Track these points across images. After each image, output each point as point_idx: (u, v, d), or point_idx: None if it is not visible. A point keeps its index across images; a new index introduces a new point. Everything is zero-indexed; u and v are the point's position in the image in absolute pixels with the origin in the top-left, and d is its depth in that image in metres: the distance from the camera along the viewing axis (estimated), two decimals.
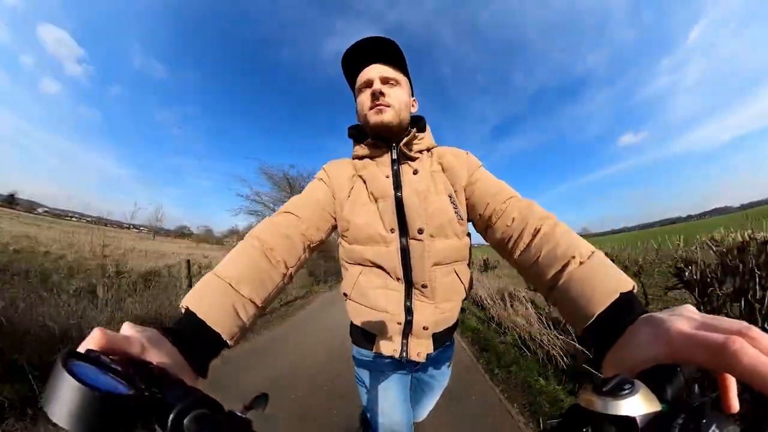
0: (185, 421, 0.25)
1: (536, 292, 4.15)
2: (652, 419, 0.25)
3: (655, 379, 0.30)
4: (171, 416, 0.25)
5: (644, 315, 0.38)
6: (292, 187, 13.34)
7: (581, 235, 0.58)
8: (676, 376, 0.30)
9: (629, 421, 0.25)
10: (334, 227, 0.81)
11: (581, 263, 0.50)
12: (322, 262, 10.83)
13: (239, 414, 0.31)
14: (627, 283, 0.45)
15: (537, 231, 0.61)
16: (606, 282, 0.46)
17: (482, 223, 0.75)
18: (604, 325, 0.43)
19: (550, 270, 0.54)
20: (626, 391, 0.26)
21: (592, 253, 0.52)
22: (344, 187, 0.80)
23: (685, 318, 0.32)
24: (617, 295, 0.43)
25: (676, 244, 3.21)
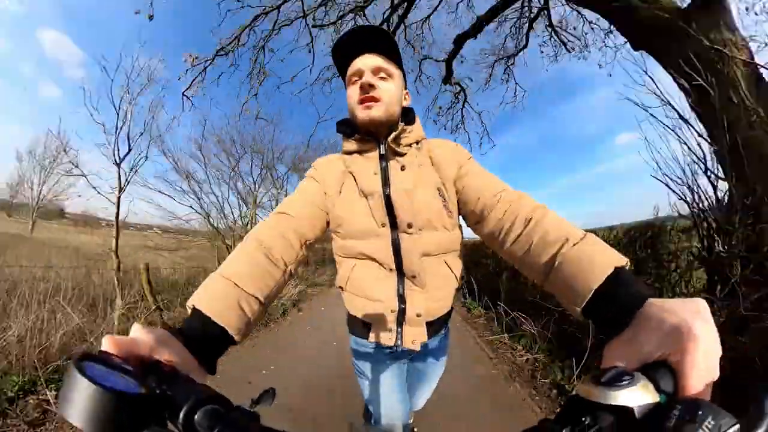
0: (196, 416, 0.26)
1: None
2: (650, 410, 0.26)
3: (654, 370, 0.31)
4: (182, 413, 0.26)
5: (652, 301, 0.37)
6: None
7: None
8: (676, 369, 0.30)
9: (627, 410, 0.26)
10: (328, 223, 0.82)
11: (575, 244, 0.51)
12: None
13: (247, 409, 0.32)
14: (621, 259, 0.46)
15: (528, 221, 0.61)
16: (601, 258, 0.46)
17: (474, 217, 0.75)
18: (605, 305, 0.43)
19: (544, 255, 0.54)
20: (625, 382, 0.27)
21: (585, 234, 0.52)
22: (335, 184, 0.80)
23: (698, 322, 0.32)
24: (612, 269, 0.44)
25: None
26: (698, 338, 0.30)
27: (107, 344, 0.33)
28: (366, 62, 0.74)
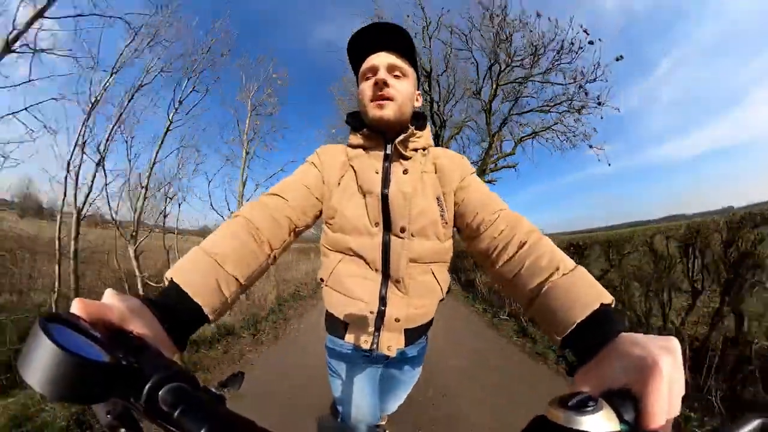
0: (160, 393, 0.25)
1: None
2: None
3: (619, 399, 0.31)
4: (146, 387, 0.25)
5: (625, 334, 0.39)
6: None
7: None
8: (638, 400, 0.31)
9: None
10: (321, 212, 0.80)
11: (564, 275, 0.52)
12: None
13: (214, 390, 0.31)
14: (607, 296, 0.47)
15: (523, 243, 0.61)
16: (588, 293, 0.48)
17: (469, 231, 0.75)
18: (584, 335, 0.45)
19: (533, 280, 0.55)
20: (590, 409, 0.27)
21: (575, 266, 0.53)
22: (335, 174, 0.79)
23: (664, 357, 0.32)
24: (598, 305, 0.45)
25: None
26: (662, 372, 0.31)
27: (76, 307, 0.31)
28: (382, 59, 0.73)
